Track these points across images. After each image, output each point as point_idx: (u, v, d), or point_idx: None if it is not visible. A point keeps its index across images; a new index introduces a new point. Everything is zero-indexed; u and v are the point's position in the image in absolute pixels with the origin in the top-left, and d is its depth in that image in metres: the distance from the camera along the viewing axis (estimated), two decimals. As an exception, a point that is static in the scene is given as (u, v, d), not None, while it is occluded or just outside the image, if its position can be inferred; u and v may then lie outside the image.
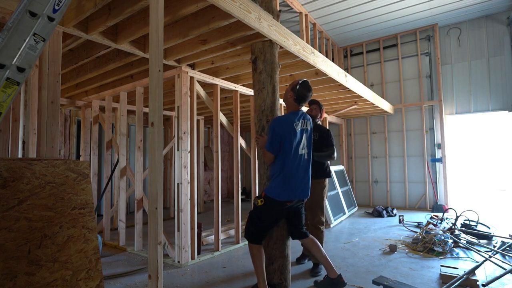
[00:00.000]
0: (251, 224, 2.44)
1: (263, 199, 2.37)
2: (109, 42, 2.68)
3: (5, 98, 1.46)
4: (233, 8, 2.16)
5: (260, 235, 2.42)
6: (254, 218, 2.43)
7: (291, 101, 2.48)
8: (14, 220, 1.27)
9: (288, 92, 2.50)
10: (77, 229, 1.45)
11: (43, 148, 2.10)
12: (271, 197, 2.34)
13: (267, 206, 2.37)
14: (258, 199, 2.40)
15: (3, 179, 1.28)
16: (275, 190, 2.35)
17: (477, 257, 3.29)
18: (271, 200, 2.35)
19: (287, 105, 2.55)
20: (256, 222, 2.42)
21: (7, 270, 1.20)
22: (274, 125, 2.38)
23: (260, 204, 2.37)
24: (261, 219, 2.40)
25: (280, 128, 2.36)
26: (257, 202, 2.40)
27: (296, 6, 5.17)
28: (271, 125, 2.41)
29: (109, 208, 4.32)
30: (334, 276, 2.52)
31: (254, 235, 2.41)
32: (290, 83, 2.56)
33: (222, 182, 8.79)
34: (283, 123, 2.39)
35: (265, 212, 2.39)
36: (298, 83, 2.45)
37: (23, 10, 1.46)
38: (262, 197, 2.39)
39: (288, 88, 2.54)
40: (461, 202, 6.37)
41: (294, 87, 2.45)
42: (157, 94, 1.62)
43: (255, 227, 2.42)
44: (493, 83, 5.96)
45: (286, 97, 2.52)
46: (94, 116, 4.46)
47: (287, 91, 2.51)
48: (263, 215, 2.40)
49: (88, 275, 1.43)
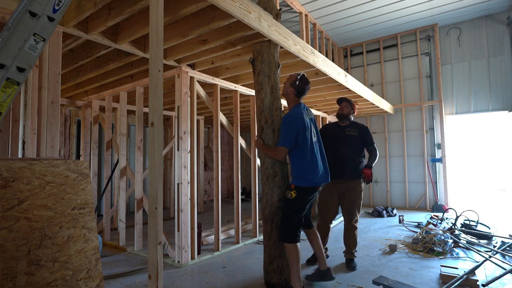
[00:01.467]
0: (288, 222, 2.44)
1: (295, 190, 2.42)
2: (109, 42, 2.68)
3: (5, 98, 1.46)
4: (233, 8, 2.16)
5: (298, 229, 2.44)
6: (290, 214, 2.44)
7: (292, 97, 2.58)
8: (14, 220, 1.27)
9: (287, 88, 2.58)
10: (77, 229, 1.45)
11: (43, 148, 2.10)
12: (303, 185, 2.42)
13: (301, 196, 2.43)
14: (289, 192, 2.45)
15: (3, 179, 1.28)
16: (304, 178, 2.43)
17: (477, 257, 3.29)
18: (303, 188, 2.43)
19: (288, 100, 2.63)
20: (293, 217, 2.43)
21: (7, 270, 1.20)
22: (288, 120, 2.47)
23: (294, 195, 2.42)
24: (298, 210, 2.43)
25: (295, 123, 2.44)
26: (290, 195, 2.43)
27: (296, 6, 5.17)
28: (284, 122, 2.48)
29: (109, 208, 4.32)
30: (324, 268, 2.67)
31: (292, 232, 2.42)
32: (288, 78, 2.62)
33: (222, 182, 8.79)
34: (296, 118, 2.47)
35: (300, 202, 2.44)
36: (297, 79, 2.54)
37: (23, 10, 1.46)
38: (293, 189, 2.43)
39: (286, 84, 2.59)
40: (461, 202, 6.37)
41: (294, 83, 2.54)
42: (157, 94, 1.61)
43: (292, 224, 2.42)
44: (493, 83, 5.96)
45: (286, 93, 2.60)
46: (94, 116, 4.46)
47: (286, 87, 2.59)
48: (299, 206, 2.44)
49: (88, 275, 1.43)
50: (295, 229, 2.44)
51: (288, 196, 2.47)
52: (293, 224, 2.44)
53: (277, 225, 2.58)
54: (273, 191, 2.62)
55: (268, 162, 2.65)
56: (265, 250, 2.60)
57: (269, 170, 2.64)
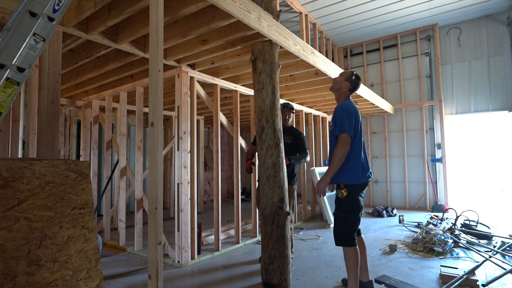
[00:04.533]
0: (344, 223, 2.32)
1: (346, 189, 2.31)
2: (109, 42, 2.68)
3: (5, 98, 1.46)
4: (233, 8, 2.16)
5: (354, 231, 2.32)
6: (345, 216, 2.32)
7: (345, 91, 2.54)
8: (14, 220, 1.27)
9: (341, 82, 2.54)
10: (77, 229, 1.45)
11: (43, 148, 2.10)
12: (354, 183, 2.32)
13: (353, 194, 2.32)
14: (340, 191, 2.34)
15: (3, 179, 1.28)
16: (354, 174, 2.32)
17: (477, 257, 3.29)
18: (355, 186, 2.32)
19: (340, 94, 2.56)
20: (349, 218, 2.31)
21: (7, 270, 1.20)
22: (346, 109, 2.38)
23: (345, 194, 2.31)
24: (352, 211, 2.32)
25: (353, 111, 2.38)
26: (341, 195, 2.32)
27: (296, 6, 5.17)
28: (342, 110, 2.38)
29: (109, 208, 4.32)
30: (365, 281, 2.51)
31: (349, 235, 2.30)
32: (341, 74, 2.61)
33: (222, 182, 8.79)
34: (352, 107, 2.42)
35: (353, 201, 2.32)
36: (353, 74, 2.55)
37: (23, 10, 1.46)
38: (343, 187, 2.33)
39: (340, 78, 2.57)
40: (461, 202, 6.37)
41: (349, 78, 2.53)
42: (157, 94, 1.62)
43: (349, 225, 2.31)
44: (493, 83, 5.96)
45: (340, 87, 2.55)
46: (94, 116, 4.46)
47: (340, 81, 2.55)
48: (353, 206, 2.32)
49: (88, 275, 1.43)
50: (352, 231, 2.30)
51: (339, 196, 2.35)
52: (348, 226, 2.31)
53: (278, 226, 2.58)
54: (274, 191, 2.62)
55: (268, 162, 2.66)
56: (265, 250, 2.59)
57: (270, 170, 2.64)
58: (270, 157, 2.66)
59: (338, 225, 2.35)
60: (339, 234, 2.34)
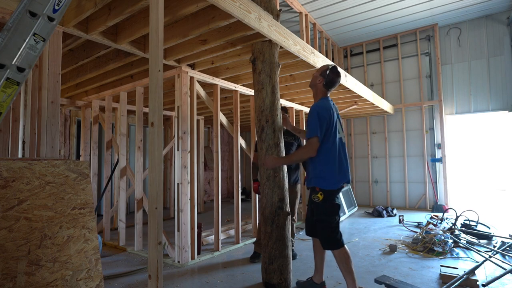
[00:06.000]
0: (326, 227, 2.26)
1: (321, 193, 2.24)
2: (109, 42, 2.68)
3: (5, 98, 1.46)
4: (233, 8, 2.16)
5: (338, 232, 2.26)
6: (325, 219, 2.26)
7: (320, 86, 2.40)
8: (14, 220, 1.27)
9: (316, 77, 2.42)
10: (77, 229, 1.45)
11: (43, 148, 2.10)
12: (328, 188, 2.24)
13: (328, 197, 2.25)
14: (315, 195, 2.26)
15: (3, 179, 1.28)
16: (329, 179, 2.24)
17: (477, 257, 3.29)
18: (329, 191, 2.24)
19: (315, 91, 2.45)
20: (328, 221, 2.25)
21: (7, 270, 1.20)
22: (317, 110, 2.28)
23: (321, 198, 2.23)
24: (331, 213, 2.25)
25: (325, 112, 2.27)
26: (317, 199, 2.25)
27: (296, 6, 5.17)
28: (313, 112, 2.29)
29: (109, 208, 4.32)
30: (318, 282, 2.49)
31: (334, 237, 2.25)
32: (318, 69, 2.49)
33: (222, 182, 8.79)
34: (324, 107, 2.30)
35: (330, 203, 2.26)
36: (328, 68, 2.39)
37: (23, 10, 1.46)
38: (318, 191, 2.25)
39: (316, 73, 2.45)
40: (461, 202, 6.37)
41: (324, 72, 2.38)
42: (157, 94, 1.62)
43: (330, 228, 2.25)
44: (493, 83, 5.96)
45: (314, 82, 2.43)
46: (94, 116, 4.46)
47: (316, 76, 2.43)
48: (330, 208, 2.26)
49: (88, 275, 1.43)
50: (335, 233, 2.25)
51: (315, 200, 2.28)
52: (330, 229, 2.25)
53: (278, 226, 2.58)
54: (274, 191, 2.62)
55: (268, 162, 2.65)
56: (265, 250, 2.59)
57: (269, 170, 2.64)
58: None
59: (325, 231, 2.28)
60: (324, 240, 2.29)
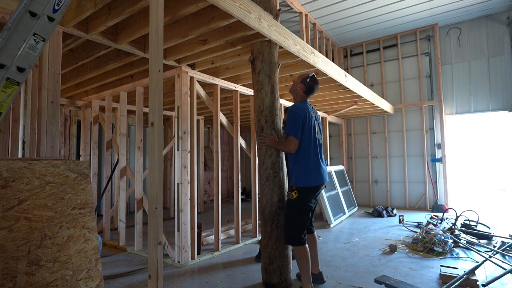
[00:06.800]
0: (292, 224, 2.41)
1: (296, 191, 2.38)
2: (109, 42, 2.68)
3: (5, 98, 1.46)
4: (233, 8, 2.16)
5: (303, 232, 2.41)
6: (294, 216, 2.41)
7: (300, 93, 2.64)
8: (14, 220, 1.27)
9: (298, 84, 2.65)
10: (77, 229, 1.45)
11: (43, 148, 2.10)
12: (304, 186, 2.38)
13: (302, 196, 2.39)
14: (290, 192, 2.42)
15: (3, 179, 1.28)
16: (305, 177, 2.39)
17: (477, 257, 3.29)
18: (305, 188, 2.39)
19: (296, 96, 2.68)
20: (297, 219, 2.40)
21: (7, 270, 1.20)
22: (294, 110, 2.48)
23: (295, 196, 2.39)
24: (301, 212, 2.40)
25: (302, 112, 2.46)
26: (291, 196, 2.41)
27: (296, 6, 5.17)
28: (291, 112, 2.49)
29: (109, 208, 4.32)
30: (316, 272, 2.68)
31: (298, 235, 2.39)
32: (299, 76, 2.71)
33: (222, 182, 8.79)
34: (301, 108, 2.50)
35: (302, 203, 2.40)
36: (308, 77, 2.63)
37: (23, 10, 1.46)
38: (294, 189, 2.40)
39: (297, 80, 2.67)
40: (461, 202, 6.37)
41: (305, 80, 2.62)
42: (157, 94, 1.62)
43: (297, 226, 2.40)
44: (493, 83, 5.96)
45: (295, 88, 2.66)
46: (94, 116, 4.46)
47: (297, 83, 2.66)
48: (302, 208, 2.41)
49: (88, 275, 1.43)
50: (300, 232, 2.40)
51: (289, 198, 2.43)
52: (297, 227, 2.40)
53: (278, 226, 2.58)
54: (273, 191, 2.62)
55: (268, 162, 2.65)
56: (265, 250, 2.59)
57: (269, 170, 2.64)
58: (269, 157, 2.66)
59: (287, 225, 2.45)
60: (288, 234, 2.45)
